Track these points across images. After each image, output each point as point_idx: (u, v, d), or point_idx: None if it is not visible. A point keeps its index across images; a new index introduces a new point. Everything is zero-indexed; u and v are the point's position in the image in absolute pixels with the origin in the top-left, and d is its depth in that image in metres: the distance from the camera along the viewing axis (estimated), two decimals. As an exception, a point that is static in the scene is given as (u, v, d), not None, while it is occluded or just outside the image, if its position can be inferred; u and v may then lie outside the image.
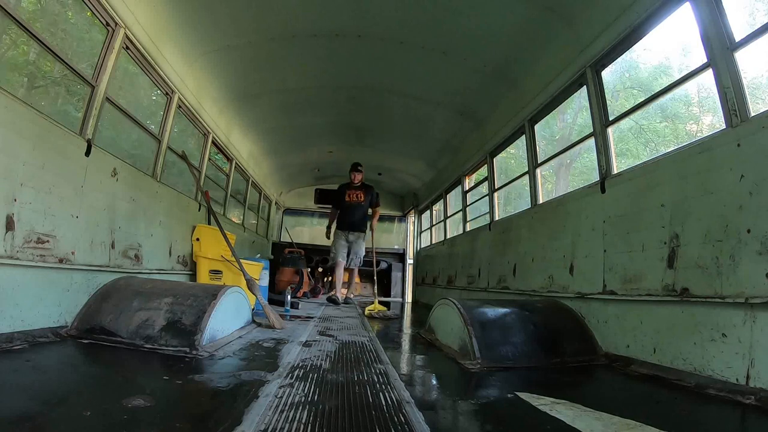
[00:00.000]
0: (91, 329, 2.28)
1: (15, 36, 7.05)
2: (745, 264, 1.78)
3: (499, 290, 4.21)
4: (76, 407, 1.24)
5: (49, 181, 2.17)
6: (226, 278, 3.88)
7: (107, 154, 2.71)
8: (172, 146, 3.65)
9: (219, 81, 4.07)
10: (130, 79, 5.79)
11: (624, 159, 12.38)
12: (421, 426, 1.27)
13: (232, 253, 3.76)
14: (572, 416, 1.42)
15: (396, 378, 1.86)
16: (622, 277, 2.52)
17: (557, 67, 3.25)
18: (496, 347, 2.36)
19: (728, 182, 1.89)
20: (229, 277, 3.89)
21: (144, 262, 3.20)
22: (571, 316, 2.82)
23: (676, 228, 2.16)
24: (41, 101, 7.84)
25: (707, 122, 12.92)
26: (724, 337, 1.82)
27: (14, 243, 1.96)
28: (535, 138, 3.88)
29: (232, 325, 2.70)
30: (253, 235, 6.93)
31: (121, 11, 2.59)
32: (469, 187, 5.80)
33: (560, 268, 3.19)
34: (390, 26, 3.38)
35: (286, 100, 4.78)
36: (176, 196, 3.82)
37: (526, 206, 3.97)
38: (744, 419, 1.54)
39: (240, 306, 2.91)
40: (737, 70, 1.91)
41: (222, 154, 5.16)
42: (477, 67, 3.76)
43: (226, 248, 3.85)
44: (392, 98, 4.64)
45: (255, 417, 1.25)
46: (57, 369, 1.74)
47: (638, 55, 13.42)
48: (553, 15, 2.93)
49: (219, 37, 3.44)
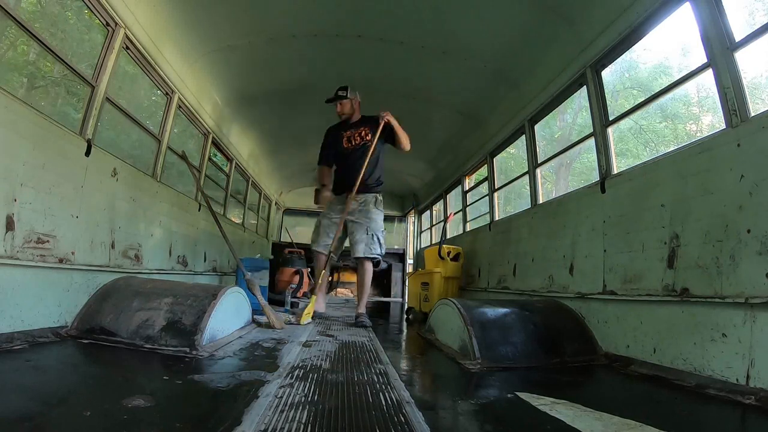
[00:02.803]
0: (91, 329, 2.28)
1: (15, 36, 7.05)
2: (745, 264, 1.78)
3: (499, 290, 4.21)
4: (76, 407, 1.24)
5: (49, 181, 2.17)
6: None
7: (107, 154, 2.71)
8: (172, 146, 3.65)
9: (219, 81, 4.07)
10: (130, 80, 5.80)
11: (624, 159, 12.39)
12: (421, 426, 1.27)
13: (232, 253, 3.76)
14: (572, 416, 1.42)
15: (396, 378, 1.86)
16: (622, 277, 2.52)
17: (557, 67, 3.25)
18: (496, 347, 2.36)
19: (728, 182, 1.89)
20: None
21: (144, 262, 3.20)
22: (571, 316, 2.82)
23: (676, 228, 2.16)
24: (41, 101, 7.84)
25: (707, 122, 12.93)
26: (724, 337, 1.82)
27: (14, 243, 1.96)
28: (535, 138, 3.88)
29: (232, 325, 2.70)
30: (253, 235, 6.93)
31: (121, 11, 2.59)
32: (469, 187, 5.80)
33: (560, 268, 3.19)
34: (390, 26, 3.38)
35: (286, 100, 4.78)
36: (176, 196, 3.82)
37: (526, 206, 3.97)
38: (744, 419, 1.54)
39: (240, 306, 2.91)
40: (737, 70, 1.91)
41: (222, 154, 5.16)
42: (477, 67, 3.76)
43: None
44: (392, 98, 4.63)
45: (255, 417, 1.24)
46: (57, 369, 1.74)
47: (638, 55, 13.45)
48: (553, 15, 2.93)
49: (219, 37, 3.44)
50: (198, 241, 4.38)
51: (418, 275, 5.19)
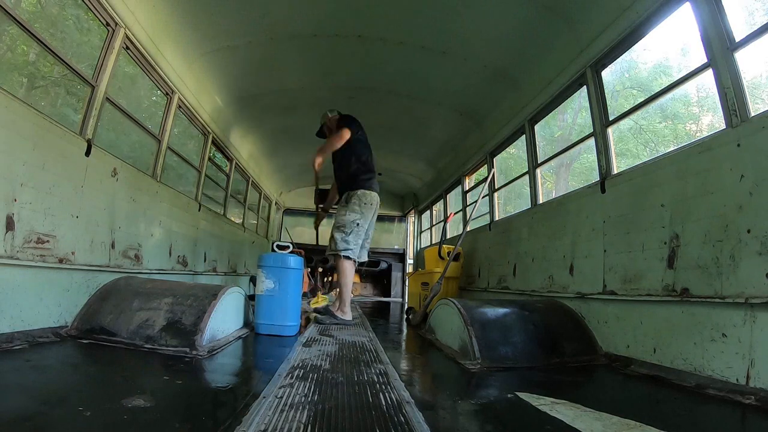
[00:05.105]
0: (91, 329, 2.28)
1: (14, 36, 7.05)
2: (745, 264, 1.78)
3: (499, 290, 4.21)
4: (76, 407, 1.24)
5: (49, 181, 2.17)
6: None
7: (107, 154, 2.71)
8: (172, 146, 3.65)
9: (219, 81, 4.07)
10: (130, 80, 5.79)
11: (624, 159, 12.39)
12: (421, 426, 1.27)
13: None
14: (572, 416, 1.42)
15: (396, 378, 1.86)
16: (622, 277, 2.52)
17: (557, 67, 3.25)
18: (496, 347, 2.36)
19: (728, 182, 1.89)
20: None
21: (144, 262, 3.20)
22: (571, 316, 2.82)
23: (676, 228, 2.16)
24: (41, 101, 7.84)
25: (707, 122, 12.93)
26: (724, 337, 1.82)
27: (14, 243, 1.96)
28: (535, 138, 3.88)
29: (232, 325, 2.70)
30: (253, 235, 6.93)
31: (121, 11, 2.59)
32: (469, 187, 5.80)
33: (560, 268, 3.19)
34: (390, 26, 3.38)
35: (286, 100, 4.78)
36: (176, 196, 3.82)
37: (526, 206, 3.97)
38: (744, 419, 1.54)
39: (240, 306, 2.91)
40: (737, 70, 1.91)
41: (222, 154, 5.16)
42: (477, 67, 3.76)
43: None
44: (392, 98, 4.64)
45: (255, 417, 1.24)
46: (57, 369, 1.74)
47: (638, 55, 13.45)
48: (553, 15, 2.93)
49: (219, 37, 3.44)
50: (198, 241, 4.38)
51: (418, 275, 5.19)
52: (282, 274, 2.98)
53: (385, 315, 5.63)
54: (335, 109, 4.02)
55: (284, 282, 2.98)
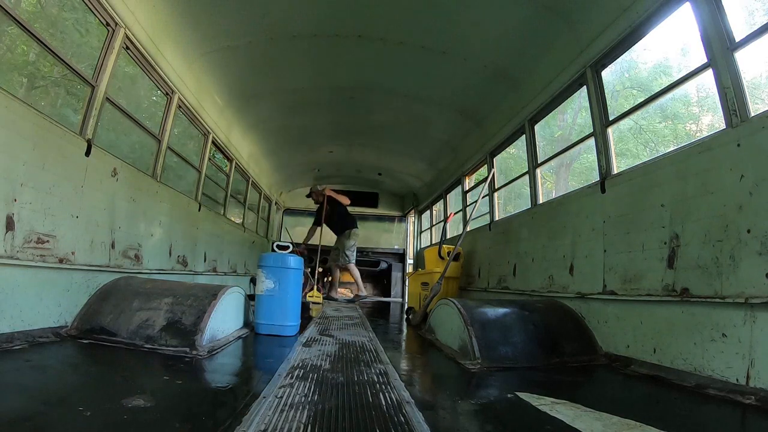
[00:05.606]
0: (91, 329, 2.28)
1: (14, 36, 7.05)
2: (745, 264, 1.78)
3: (499, 290, 4.21)
4: (76, 407, 1.24)
5: (49, 181, 2.17)
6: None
7: (107, 154, 2.71)
8: (172, 146, 3.64)
9: (219, 81, 4.07)
10: (130, 80, 5.79)
11: (624, 159, 12.39)
12: (421, 426, 1.27)
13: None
14: (572, 416, 1.42)
15: (396, 378, 1.86)
16: (622, 277, 2.52)
17: (557, 67, 3.25)
18: (497, 347, 2.36)
19: (728, 182, 1.89)
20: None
21: (144, 262, 3.20)
22: (571, 316, 2.82)
23: (676, 228, 2.16)
24: (41, 101, 7.83)
25: (707, 122, 12.93)
26: (724, 337, 1.82)
27: (14, 243, 1.96)
28: (535, 138, 3.88)
29: (232, 325, 2.70)
30: (253, 235, 6.93)
31: (121, 11, 2.59)
32: (469, 187, 5.80)
33: (560, 268, 3.19)
34: (390, 26, 3.38)
35: (286, 100, 4.78)
36: (176, 196, 3.82)
37: (526, 206, 3.97)
38: (744, 419, 1.54)
39: (240, 306, 2.91)
40: (737, 70, 1.91)
41: (222, 154, 5.16)
42: (477, 67, 3.76)
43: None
44: (392, 98, 4.64)
45: (255, 417, 1.25)
46: (57, 369, 1.74)
47: (638, 55, 13.44)
48: (553, 15, 2.93)
49: (219, 37, 3.44)
50: (198, 241, 4.38)
51: (418, 275, 5.19)
52: (282, 274, 2.98)
53: (385, 315, 5.63)
54: (323, 185, 7.00)
55: (284, 282, 2.98)
